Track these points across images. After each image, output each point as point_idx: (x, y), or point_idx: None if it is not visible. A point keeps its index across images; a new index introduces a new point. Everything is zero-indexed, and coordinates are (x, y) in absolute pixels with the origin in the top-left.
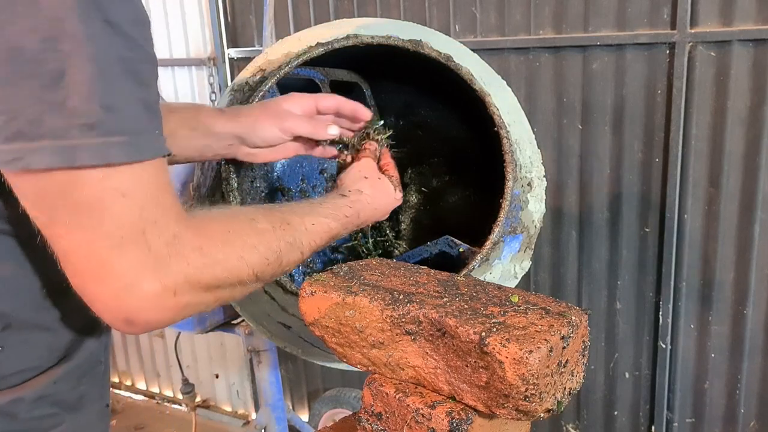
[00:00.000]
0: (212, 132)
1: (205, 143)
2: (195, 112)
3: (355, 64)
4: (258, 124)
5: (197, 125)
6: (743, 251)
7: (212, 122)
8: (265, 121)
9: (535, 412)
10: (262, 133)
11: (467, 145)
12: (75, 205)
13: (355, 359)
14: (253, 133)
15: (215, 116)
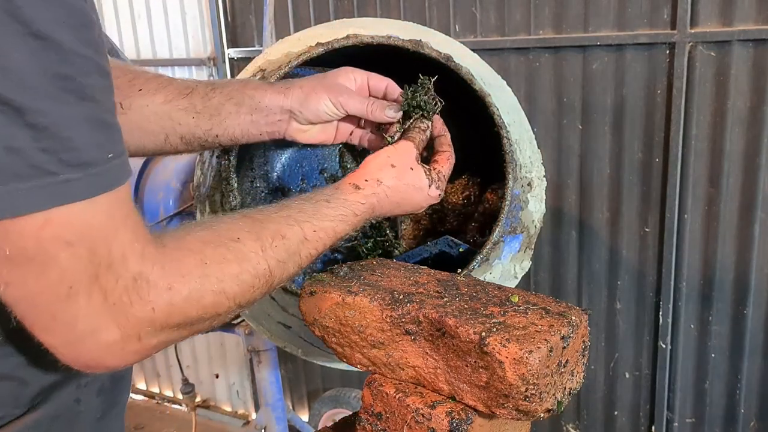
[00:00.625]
0: (260, 106)
1: (252, 119)
2: (241, 86)
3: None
4: (312, 96)
5: (243, 99)
6: (743, 251)
7: (260, 95)
8: (320, 93)
9: (535, 412)
10: (315, 106)
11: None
12: (13, 259)
13: (355, 359)
14: (305, 107)
15: (264, 89)
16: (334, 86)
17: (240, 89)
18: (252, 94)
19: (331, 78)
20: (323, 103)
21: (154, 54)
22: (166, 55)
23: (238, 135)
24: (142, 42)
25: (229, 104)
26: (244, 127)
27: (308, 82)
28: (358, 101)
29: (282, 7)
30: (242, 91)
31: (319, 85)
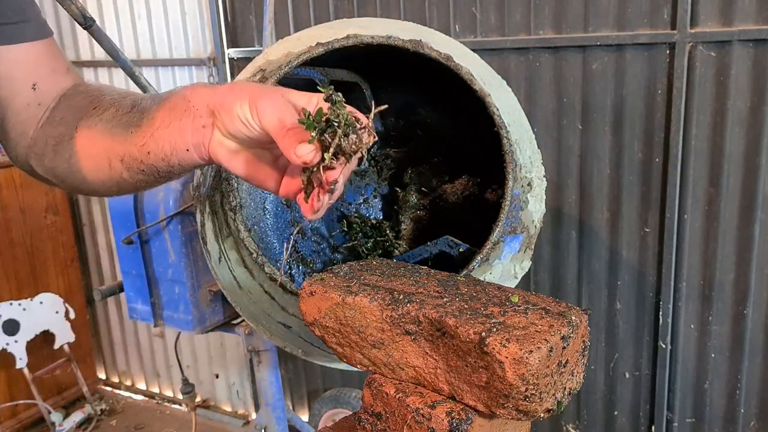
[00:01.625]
0: (189, 105)
1: (181, 125)
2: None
3: (355, 64)
4: (234, 93)
5: (177, 101)
6: (743, 251)
7: (192, 91)
8: (245, 91)
9: (535, 412)
10: (231, 105)
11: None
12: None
13: (355, 359)
14: (225, 106)
15: (200, 85)
16: (268, 90)
17: (181, 91)
18: (186, 93)
19: (279, 88)
20: (239, 103)
21: (154, 54)
22: (166, 55)
23: (168, 150)
24: (141, 42)
25: (164, 110)
26: (173, 138)
27: (248, 82)
28: (278, 115)
29: (282, 8)
30: (182, 92)
31: (254, 86)
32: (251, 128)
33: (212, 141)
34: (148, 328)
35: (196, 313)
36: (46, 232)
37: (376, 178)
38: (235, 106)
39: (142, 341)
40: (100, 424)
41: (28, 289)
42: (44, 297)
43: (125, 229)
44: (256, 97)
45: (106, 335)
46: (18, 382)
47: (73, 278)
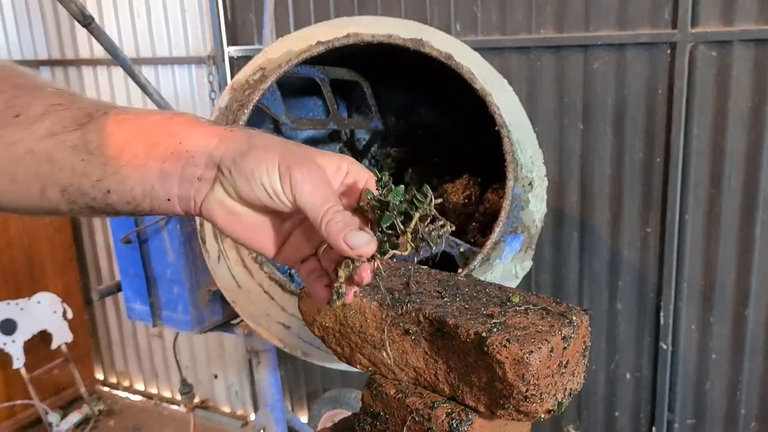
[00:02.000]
0: (179, 149)
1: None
2: (162, 118)
3: (356, 63)
4: (255, 153)
5: (159, 137)
6: (744, 252)
7: (184, 131)
8: (271, 153)
9: (536, 412)
10: (253, 168)
11: (468, 145)
12: None
13: (355, 359)
14: (241, 164)
15: (192, 124)
16: (300, 156)
17: (165, 123)
18: (175, 131)
19: (307, 150)
20: (264, 168)
21: (154, 52)
22: (166, 53)
23: (138, 194)
24: (141, 40)
25: (136, 141)
26: (149, 182)
27: (265, 135)
28: (319, 192)
29: (282, 5)
30: (167, 125)
31: (278, 145)
32: (277, 201)
33: (209, 198)
34: (146, 328)
35: (195, 313)
36: (44, 232)
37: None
38: (259, 171)
39: (140, 341)
40: (98, 425)
41: (25, 289)
42: (42, 297)
43: (123, 228)
44: (289, 165)
45: (104, 335)
46: (15, 382)
47: (71, 278)
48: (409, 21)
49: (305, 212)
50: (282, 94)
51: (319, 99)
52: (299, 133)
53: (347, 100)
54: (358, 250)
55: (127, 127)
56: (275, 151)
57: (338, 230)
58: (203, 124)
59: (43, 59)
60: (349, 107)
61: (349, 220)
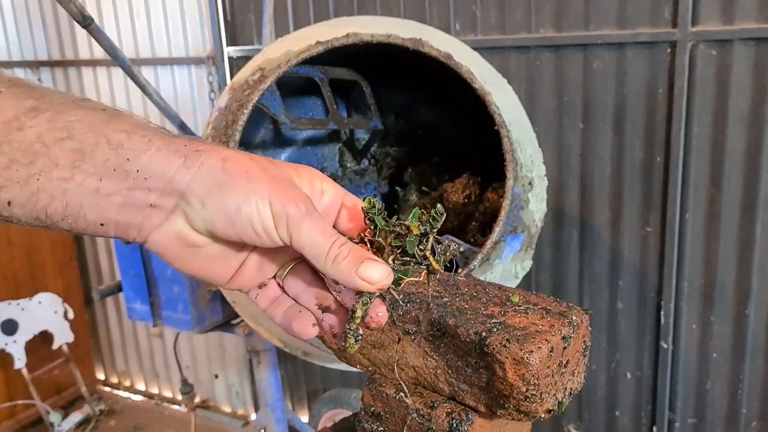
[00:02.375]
0: (127, 166)
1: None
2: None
3: (355, 63)
4: (238, 183)
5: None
6: (745, 251)
7: (137, 144)
8: (258, 182)
9: (536, 412)
10: (236, 202)
11: (467, 144)
12: None
13: (355, 359)
14: (217, 197)
15: (148, 135)
16: (284, 183)
17: (96, 123)
18: (118, 140)
19: (281, 168)
20: (254, 206)
21: (153, 53)
22: (165, 53)
23: (55, 212)
24: (140, 40)
25: (59, 148)
26: (75, 200)
27: (239, 155)
28: (318, 226)
29: (282, 5)
30: (98, 127)
31: (261, 172)
32: (265, 239)
33: (162, 229)
34: (147, 328)
35: (195, 313)
36: (45, 231)
37: (376, 177)
38: (248, 209)
39: (141, 341)
40: (98, 425)
41: (26, 289)
42: (43, 297)
43: None
44: (283, 202)
45: (105, 335)
46: (16, 382)
47: (71, 278)
48: (409, 21)
49: (302, 250)
50: (281, 93)
51: (318, 99)
52: (299, 132)
53: (346, 100)
54: (378, 283)
55: (42, 119)
56: (260, 181)
57: (350, 266)
58: (159, 135)
59: (42, 60)
60: (349, 107)
61: (356, 253)
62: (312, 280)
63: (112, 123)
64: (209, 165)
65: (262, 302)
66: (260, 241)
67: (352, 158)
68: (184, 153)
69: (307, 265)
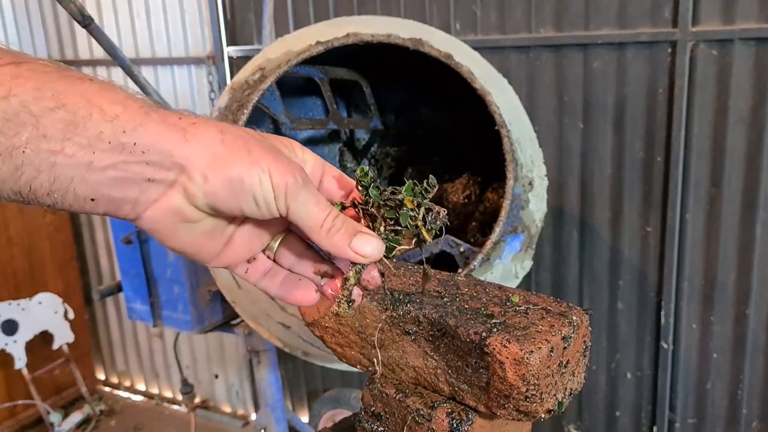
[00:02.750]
0: (122, 140)
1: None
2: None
3: (355, 62)
4: (239, 155)
5: (88, 113)
6: (745, 251)
7: (132, 117)
8: (259, 154)
9: (536, 412)
10: (240, 174)
11: (467, 144)
12: None
13: (355, 359)
14: (220, 170)
15: (143, 108)
16: (281, 155)
17: (87, 93)
18: (113, 112)
19: (272, 142)
20: (257, 178)
21: (153, 53)
22: (165, 53)
23: (41, 186)
24: (140, 40)
25: (48, 118)
26: (65, 174)
27: (234, 128)
28: (313, 198)
29: (282, 5)
30: (89, 98)
31: (258, 145)
32: (265, 211)
33: (159, 205)
34: (147, 328)
35: (195, 313)
36: (45, 231)
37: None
38: (251, 181)
39: (141, 341)
40: (99, 425)
41: (26, 289)
42: (43, 297)
43: (124, 228)
44: (282, 173)
45: (105, 335)
46: (17, 382)
47: (71, 278)
48: (409, 20)
49: (298, 222)
50: (281, 93)
51: (318, 98)
52: (299, 132)
53: (346, 100)
54: (371, 257)
55: (28, 85)
56: (260, 154)
57: (343, 239)
58: (154, 108)
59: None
60: (349, 107)
61: (350, 226)
62: (304, 250)
63: (103, 94)
64: (209, 138)
65: (253, 276)
66: (259, 213)
67: (352, 158)
68: (182, 126)
69: (297, 236)
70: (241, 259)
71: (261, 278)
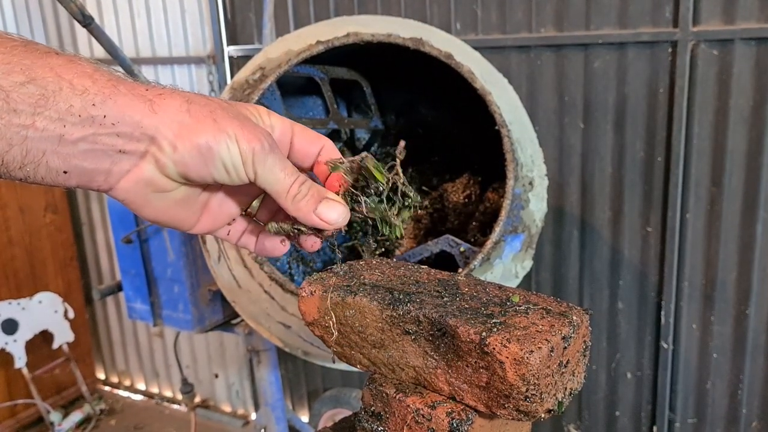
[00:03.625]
0: (93, 112)
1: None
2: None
3: (356, 62)
4: (206, 124)
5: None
6: (745, 251)
7: (101, 89)
8: (225, 122)
9: (536, 412)
10: (208, 142)
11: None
12: None
13: (355, 359)
14: (187, 138)
15: (111, 80)
16: (247, 121)
17: (56, 67)
18: (82, 85)
19: (239, 109)
20: (225, 145)
21: (153, 52)
22: (165, 53)
23: (13, 160)
24: (141, 40)
25: (18, 92)
26: (38, 147)
27: (200, 97)
28: (281, 164)
29: (282, 5)
30: (58, 71)
31: (225, 113)
32: (234, 178)
33: (132, 176)
34: (147, 328)
35: (196, 312)
36: (45, 231)
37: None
38: (219, 148)
39: (141, 341)
40: (99, 424)
41: (26, 288)
42: (43, 296)
43: (124, 227)
44: (249, 138)
45: (105, 335)
46: (17, 381)
47: (72, 277)
48: (409, 20)
49: (265, 187)
50: (282, 93)
51: (318, 98)
52: None
53: (347, 100)
54: (335, 223)
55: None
56: (226, 121)
57: (309, 205)
58: (122, 80)
59: None
60: (349, 106)
61: (316, 192)
62: (279, 207)
63: (72, 67)
64: (175, 108)
65: (234, 237)
66: (230, 179)
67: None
68: (148, 97)
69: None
70: (220, 225)
71: (240, 238)
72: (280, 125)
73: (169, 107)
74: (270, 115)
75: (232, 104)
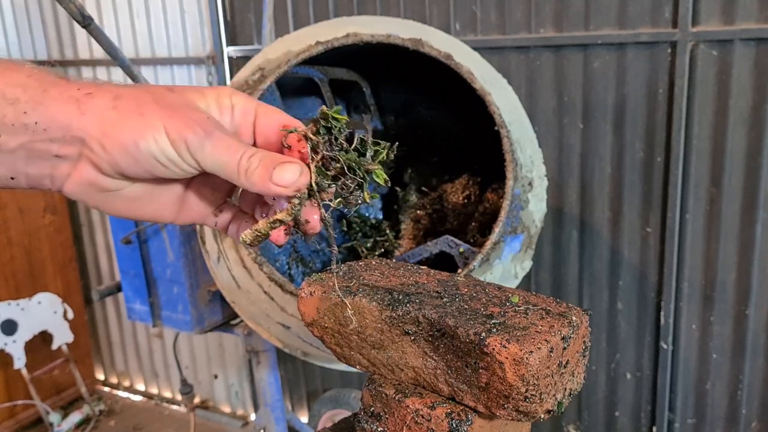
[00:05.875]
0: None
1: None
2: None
3: (355, 63)
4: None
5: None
6: (745, 251)
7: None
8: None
9: (536, 413)
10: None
11: (467, 144)
12: None
13: (354, 360)
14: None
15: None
16: (184, 111)
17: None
18: (12, 94)
19: (181, 95)
20: (151, 138)
21: (153, 53)
22: (165, 53)
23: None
24: (140, 40)
25: None
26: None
27: (132, 90)
28: (222, 145)
29: (281, 5)
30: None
31: (152, 103)
32: (176, 169)
33: (73, 179)
34: (146, 329)
35: (195, 313)
36: (45, 232)
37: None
38: (145, 142)
39: (140, 341)
40: (98, 425)
41: (26, 289)
42: (42, 297)
43: (123, 228)
44: (178, 128)
45: (105, 335)
46: (16, 382)
47: (71, 278)
48: (409, 21)
49: (215, 172)
50: (281, 94)
51: (318, 99)
52: None
53: (346, 100)
54: (294, 185)
55: None
56: (154, 113)
57: (263, 176)
58: (54, 83)
59: (42, 60)
60: (348, 107)
61: (267, 160)
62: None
63: (5, 75)
64: (101, 106)
65: (222, 226)
66: (172, 173)
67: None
68: (77, 97)
69: None
70: (204, 215)
71: (227, 226)
72: (241, 104)
73: (95, 106)
74: (232, 95)
75: (176, 90)
